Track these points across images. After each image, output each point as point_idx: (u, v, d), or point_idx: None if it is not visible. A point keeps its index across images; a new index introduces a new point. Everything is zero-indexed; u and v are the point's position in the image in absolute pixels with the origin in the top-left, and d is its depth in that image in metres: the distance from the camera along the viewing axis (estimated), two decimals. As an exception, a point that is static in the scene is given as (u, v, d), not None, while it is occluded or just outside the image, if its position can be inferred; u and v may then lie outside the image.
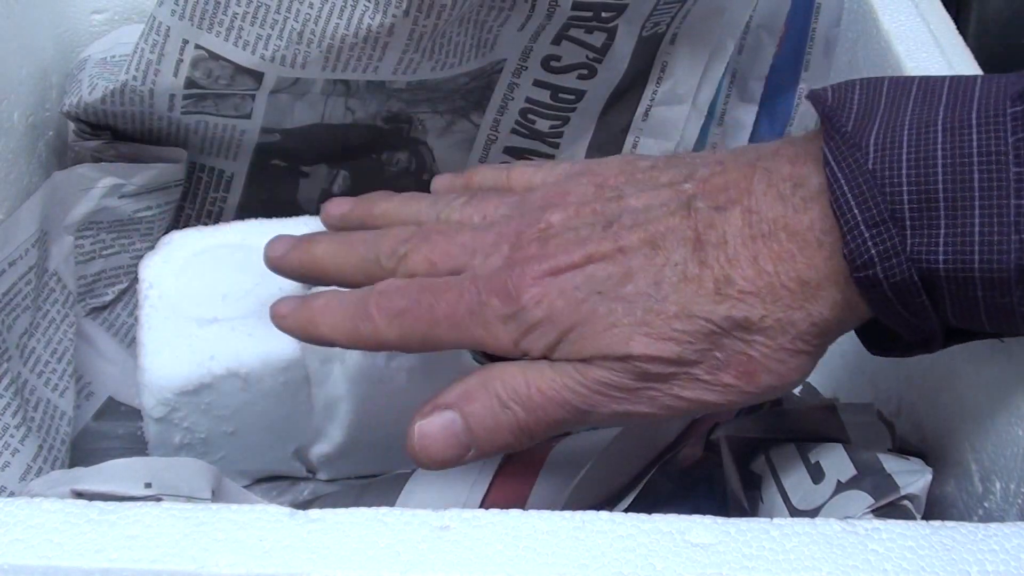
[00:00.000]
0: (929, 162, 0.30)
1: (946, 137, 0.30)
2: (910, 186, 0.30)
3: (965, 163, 0.30)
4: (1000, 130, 0.30)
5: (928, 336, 0.33)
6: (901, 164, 0.31)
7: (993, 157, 0.30)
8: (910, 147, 0.31)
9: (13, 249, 0.45)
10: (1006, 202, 0.29)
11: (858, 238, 0.31)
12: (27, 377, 0.46)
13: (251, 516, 0.29)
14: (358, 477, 0.50)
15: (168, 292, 0.47)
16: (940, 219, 0.30)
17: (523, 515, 0.29)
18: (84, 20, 0.58)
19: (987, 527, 0.29)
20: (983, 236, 0.30)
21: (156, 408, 0.44)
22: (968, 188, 0.30)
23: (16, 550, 0.28)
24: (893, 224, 0.31)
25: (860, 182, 0.31)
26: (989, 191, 0.30)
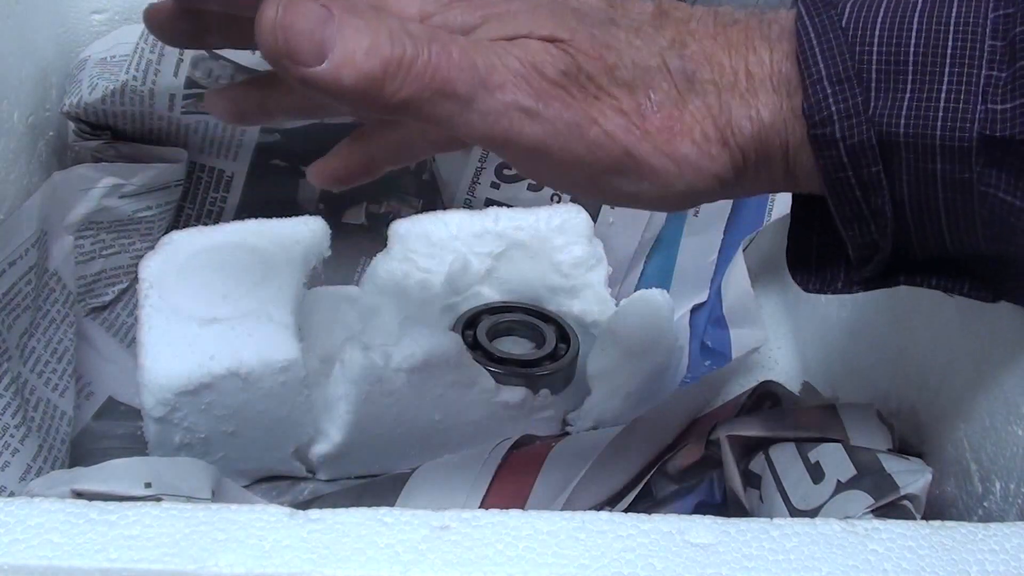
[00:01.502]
0: (905, 26, 0.29)
1: (926, 4, 0.29)
2: (880, 47, 0.29)
3: (941, 31, 0.29)
4: (981, 4, 0.29)
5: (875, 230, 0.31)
6: (875, 25, 0.29)
7: (970, 28, 0.29)
8: (887, 10, 0.30)
9: (13, 249, 0.45)
10: (976, 72, 0.28)
11: (819, 92, 0.29)
12: (27, 377, 0.46)
13: (251, 516, 0.29)
14: (358, 477, 0.50)
15: (168, 292, 0.47)
16: (907, 83, 0.29)
17: (523, 515, 0.29)
18: (84, 20, 0.58)
19: (987, 527, 0.29)
20: (948, 103, 0.29)
21: (156, 408, 0.44)
22: (940, 55, 0.29)
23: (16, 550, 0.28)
24: (858, 83, 0.29)
25: (830, 37, 0.30)
26: (961, 60, 0.29)
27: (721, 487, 0.42)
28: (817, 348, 0.58)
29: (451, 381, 0.47)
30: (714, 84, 0.30)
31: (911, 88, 0.29)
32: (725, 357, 0.56)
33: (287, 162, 0.55)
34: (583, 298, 0.53)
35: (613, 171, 0.31)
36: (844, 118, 0.29)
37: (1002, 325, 0.37)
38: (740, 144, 0.31)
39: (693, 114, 0.30)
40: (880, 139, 0.29)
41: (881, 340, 0.48)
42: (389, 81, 0.29)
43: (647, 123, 0.30)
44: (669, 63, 0.30)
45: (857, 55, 0.29)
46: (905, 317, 0.45)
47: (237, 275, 0.48)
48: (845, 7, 0.30)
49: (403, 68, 0.29)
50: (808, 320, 0.60)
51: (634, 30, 0.31)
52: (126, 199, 0.51)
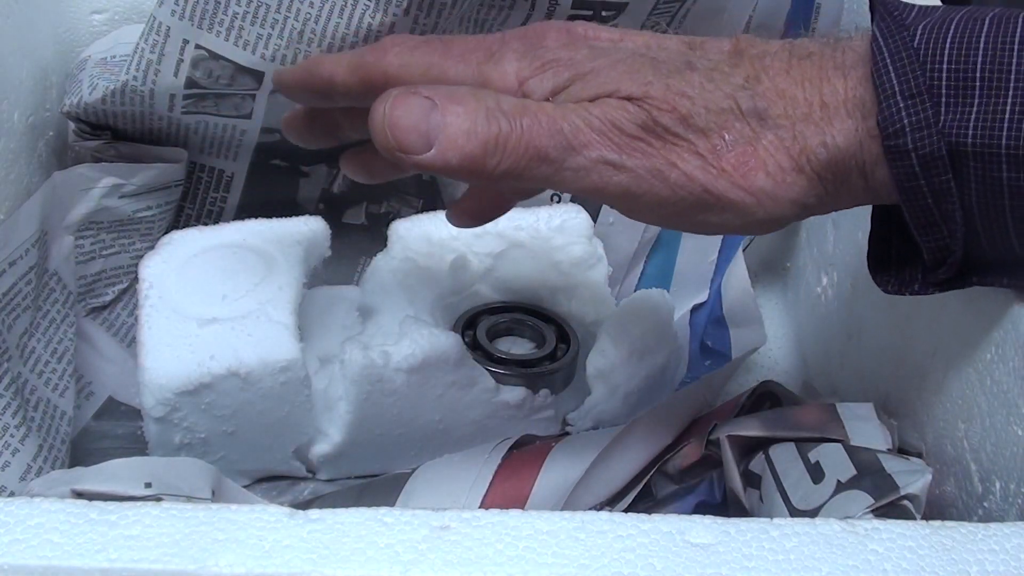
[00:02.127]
0: (972, 46, 0.31)
1: (991, 27, 0.31)
2: (950, 64, 0.31)
3: (1006, 49, 0.31)
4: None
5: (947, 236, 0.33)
6: (945, 45, 0.31)
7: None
8: (956, 32, 0.32)
9: (13, 249, 0.45)
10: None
11: (893, 107, 0.32)
12: (27, 377, 0.46)
13: (251, 516, 0.29)
14: (358, 477, 0.50)
15: (168, 292, 0.47)
16: (975, 97, 0.31)
17: (523, 515, 0.29)
18: (84, 20, 0.58)
19: (987, 527, 0.29)
20: (1013, 115, 0.30)
21: (156, 408, 0.44)
22: (1006, 71, 0.31)
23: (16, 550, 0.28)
24: (929, 98, 0.31)
25: (903, 56, 0.32)
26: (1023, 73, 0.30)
27: (721, 487, 0.42)
28: (817, 348, 0.58)
29: (451, 381, 0.47)
30: (787, 117, 0.33)
31: (978, 102, 0.31)
32: (725, 357, 0.56)
33: (287, 162, 0.54)
34: (583, 298, 0.53)
35: (697, 208, 0.34)
36: (915, 130, 0.31)
37: (1002, 325, 0.37)
38: (816, 169, 0.33)
39: (767, 148, 0.33)
40: (949, 149, 0.31)
41: (881, 340, 0.48)
42: (490, 157, 0.33)
43: (723, 161, 0.33)
44: (741, 104, 0.33)
45: (928, 72, 0.31)
46: (905, 317, 0.45)
47: (237, 275, 0.48)
48: (917, 29, 0.32)
49: (500, 144, 0.33)
50: (808, 320, 0.60)
51: (709, 71, 0.34)
52: (126, 199, 0.51)
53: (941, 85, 0.31)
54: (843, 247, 0.55)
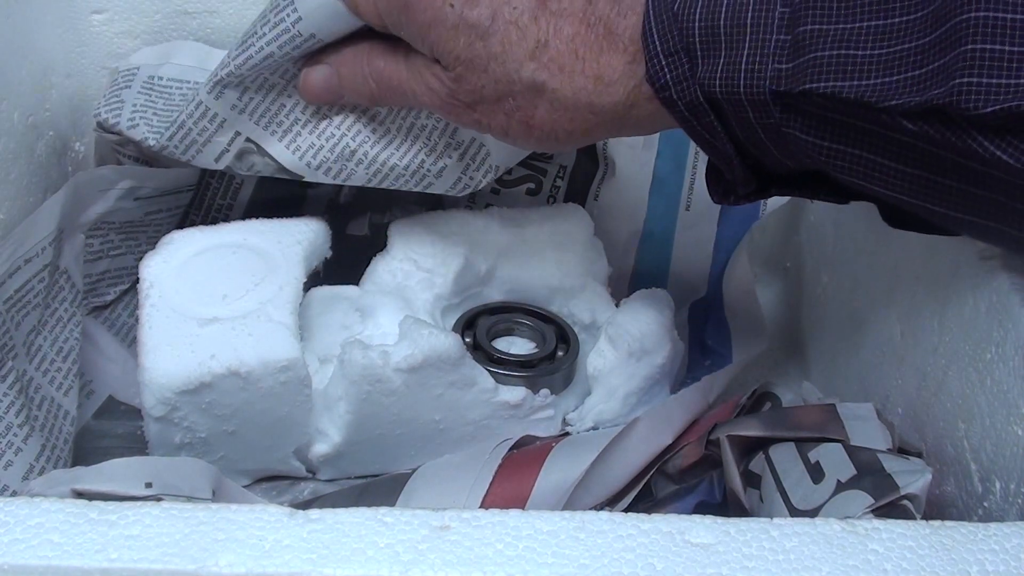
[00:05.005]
0: (718, 3, 0.36)
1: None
2: (701, 22, 0.36)
3: (744, 3, 0.35)
4: None
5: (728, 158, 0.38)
6: (697, 4, 0.36)
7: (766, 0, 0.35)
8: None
9: (31, 247, 0.45)
10: (769, 37, 0.35)
11: (657, 65, 0.37)
12: (32, 375, 0.46)
13: (251, 516, 0.29)
14: (358, 477, 0.50)
15: (168, 292, 0.47)
16: (720, 50, 0.36)
17: (523, 515, 0.29)
18: (84, 20, 0.58)
19: (987, 527, 0.29)
20: (748, 65, 0.35)
21: (156, 407, 0.44)
22: (742, 24, 0.35)
23: (16, 550, 0.28)
24: (686, 55, 0.36)
25: (664, 19, 0.37)
26: (757, 27, 0.35)
27: (721, 487, 0.42)
28: (817, 348, 0.58)
29: (451, 381, 0.47)
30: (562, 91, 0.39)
31: (724, 54, 0.36)
32: (725, 357, 0.56)
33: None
34: (583, 298, 0.53)
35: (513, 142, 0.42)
36: (677, 83, 0.37)
37: (1002, 325, 0.37)
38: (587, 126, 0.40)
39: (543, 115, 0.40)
40: (706, 97, 0.36)
41: (881, 339, 0.48)
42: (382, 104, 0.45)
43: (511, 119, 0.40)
44: (524, 78, 0.39)
45: (683, 32, 0.36)
46: (905, 317, 0.45)
47: (237, 275, 0.48)
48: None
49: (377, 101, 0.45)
50: (808, 320, 0.60)
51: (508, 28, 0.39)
52: (140, 201, 0.51)
53: (695, 42, 0.36)
54: (843, 247, 0.55)
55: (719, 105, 0.37)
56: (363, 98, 0.45)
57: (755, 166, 0.39)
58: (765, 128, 0.36)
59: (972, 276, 0.39)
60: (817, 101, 0.34)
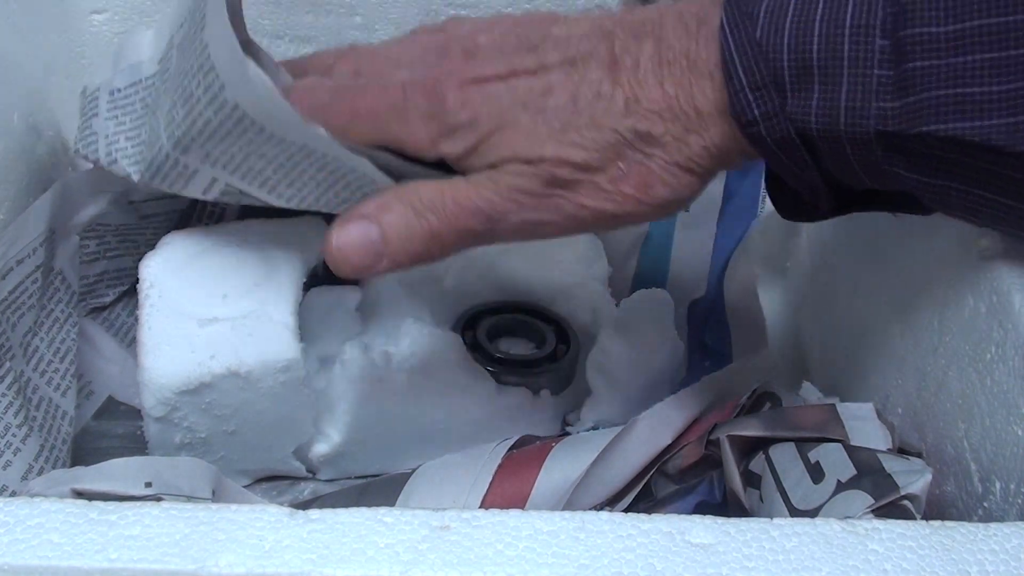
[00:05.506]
0: (808, 32, 0.33)
1: (826, 7, 0.33)
2: (790, 54, 0.33)
3: (838, 34, 0.33)
4: (873, 2, 0.33)
5: (815, 188, 0.37)
6: (784, 33, 0.34)
7: (863, 29, 0.32)
8: (794, 16, 0.34)
9: (22, 248, 0.45)
10: (870, 72, 0.32)
11: (743, 101, 0.34)
12: (30, 376, 0.46)
13: (251, 516, 0.29)
14: (358, 477, 0.50)
15: (168, 292, 0.47)
16: (814, 85, 0.33)
17: (523, 515, 0.29)
18: (84, 20, 0.58)
19: (987, 527, 0.29)
20: (848, 103, 0.33)
21: (156, 407, 0.44)
22: (839, 58, 0.33)
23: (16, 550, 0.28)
24: (775, 89, 0.34)
25: (747, 50, 0.34)
26: (855, 61, 0.33)
27: (721, 487, 0.42)
28: (817, 348, 0.58)
29: (451, 381, 0.47)
30: (670, 134, 0.36)
31: (818, 89, 0.33)
32: (725, 357, 0.56)
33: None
34: (583, 298, 0.53)
35: (615, 224, 0.38)
36: (766, 119, 0.34)
37: (1002, 325, 0.37)
38: (705, 167, 0.37)
39: (659, 164, 0.36)
40: (798, 132, 0.34)
41: (881, 340, 0.48)
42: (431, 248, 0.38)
43: (623, 187, 0.37)
44: (627, 135, 0.36)
45: (771, 63, 0.34)
46: (906, 317, 0.45)
47: (237, 275, 0.48)
48: (759, 16, 0.34)
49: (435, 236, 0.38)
50: (808, 320, 0.60)
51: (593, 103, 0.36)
52: (135, 204, 0.51)
53: (784, 75, 0.34)
54: (843, 247, 0.55)
55: (812, 141, 0.34)
56: (420, 244, 0.38)
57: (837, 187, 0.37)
58: (862, 163, 0.34)
59: (972, 276, 0.39)
60: (929, 142, 0.32)
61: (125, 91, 0.47)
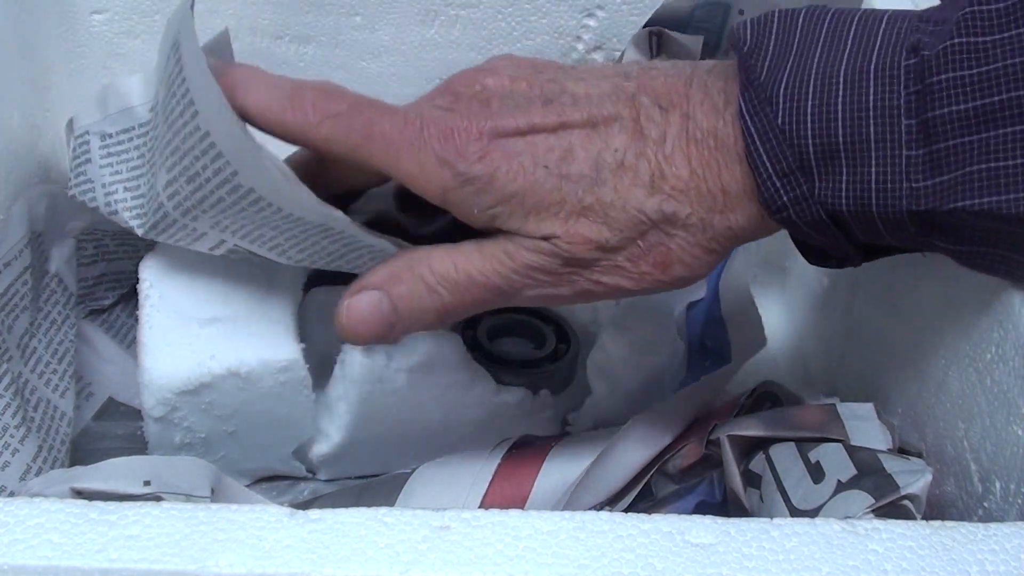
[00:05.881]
0: (831, 115, 0.33)
1: (847, 89, 0.33)
2: (814, 139, 0.33)
3: (862, 116, 0.32)
4: (895, 83, 0.32)
5: (846, 254, 0.36)
6: (806, 118, 0.33)
7: (887, 111, 0.32)
8: (815, 99, 0.33)
9: (7, 251, 0.45)
10: (898, 152, 0.32)
11: (771, 188, 0.34)
12: (28, 377, 0.46)
13: (251, 516, 0.29)
14: (358, 477, 0.50)
15: (168, 292, 0.47)
16: (842, 168, 0.33)
17: (523, 515, 0.29)
18: (84, 20, 0.58)
19: (987, 527, 0.29)
20: (879, 184, 0.33)
21: (156, 408, 0.44)
22: (865, 139, 0.32)
23: (16, 550, 0.28)
24: (802, 175, 0.33)
25: (771, 137, 0.34)
26: (882, 143, 0.32)
27: (721, 487, 0.42)
28: (817, 348, 0.58)
29: (451, 381, 0.47)
30: (695, 215, 0.35)
31: (846, 171, 0.33)
32: (724, 357, 0.56)
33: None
34: (583, 298, 0.53)
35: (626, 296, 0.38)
36: (795, 204, 0.34)
37: (1002, 325, 0.37)
38: (725, 247, 0.36)
39: (680, 245, 0.36)
40: (829, 214, 0.34)
41: (881, 340, 0.48)
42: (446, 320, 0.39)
43: (642, 265, 0.36)
44: (651, 215, 0.35)
45: (796, 150, 0.33)
46: (906, 317, 0.45)
47: (237, 275, 0.48)
48: (779, 102, 0.34)
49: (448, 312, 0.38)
50: (808, 320, 0.60)
51: (617, 174, 0.35)
52: None
53: (810, 159, 0.33)
54: (843, 247, 0.55)
55: (843, 221, 0.34)
56: (431, 318, 0.38)
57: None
58: (897, 238, 0.34)
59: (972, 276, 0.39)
60: (963, 218, 0.32)
61: (118, 137, 0.45)
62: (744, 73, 0.35)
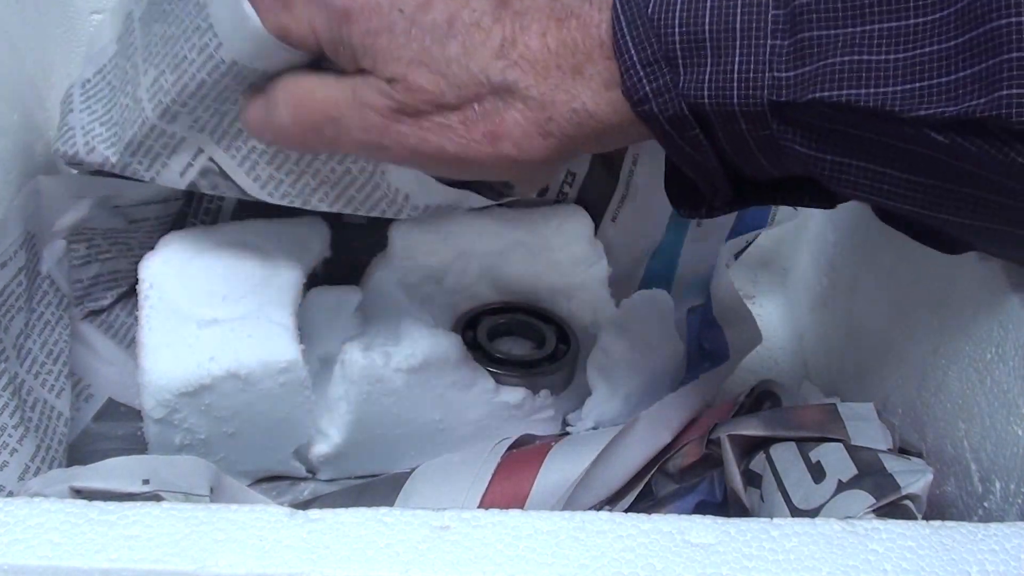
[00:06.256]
0: (700, 8, 0.32)
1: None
2: (681, 28, 0.33)
3: (731, 7, 0.32)
4: None
5: (712, 174, 0.36)
6: (675, 7, 0.33)
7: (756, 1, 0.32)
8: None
9: (3, 251, 0.45)
10: (763, 43, 0.32)
11: (634, 76, 0.33)
12: (24, 378, 0.46)
13: (251, 516, 0.29)
14: (358, 477, 0.50)
15: (168, 292, 0.47)
16: (706, 59, 0.32)
17: (523, 515, 0.29)
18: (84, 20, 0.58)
19: (987, 527, 0.29)
20: (741, 74, 0.32)
21: (156, 409, 0.44)
22: (732, 30, 0.32)
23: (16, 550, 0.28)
24: (666, 65, 0.33)
25: (638, 25, 0.33)
26: (748, 33, 0.32)
27: (722, 486, 0.42)
28: (817, 348, 0.58)
29: (451, 381, 0.47)
30: (536, 87, 0.35)
31: (710, 63, 0.32)
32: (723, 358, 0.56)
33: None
34: (583, 298, 0.53)
35: (460, 168, 0.37)
36: (657, 95, 0.33)
37: (1003, 325, 0.37)
38: (566, 133, 0.35)
39: (515, 118, 0.35)
40: (691, 109, 0.33)
41: (881, 340, 0.48)
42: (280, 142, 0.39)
43: (472, 132, 0.35)
44: (492, 78, 0.35)
45: (662, 39, 0.33)
46: (906, 318, 0.45)
47: (237, 276, 0.48)
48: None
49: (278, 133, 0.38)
50: (808, 320, 0.60)
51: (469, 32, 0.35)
52: (120, 209, 0.51)
53: (676, 50, 0.33)
54: (843, 247, 0.55)
55: (705, 117, 0.33)
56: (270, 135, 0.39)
57: (734, 176, 0.36)
58: (758, 140, 0.33)
59: (972, 276, 0.39)
60: (824, 112, 0.31)
61: (94, 80, 0.47)
62: None
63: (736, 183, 0.36)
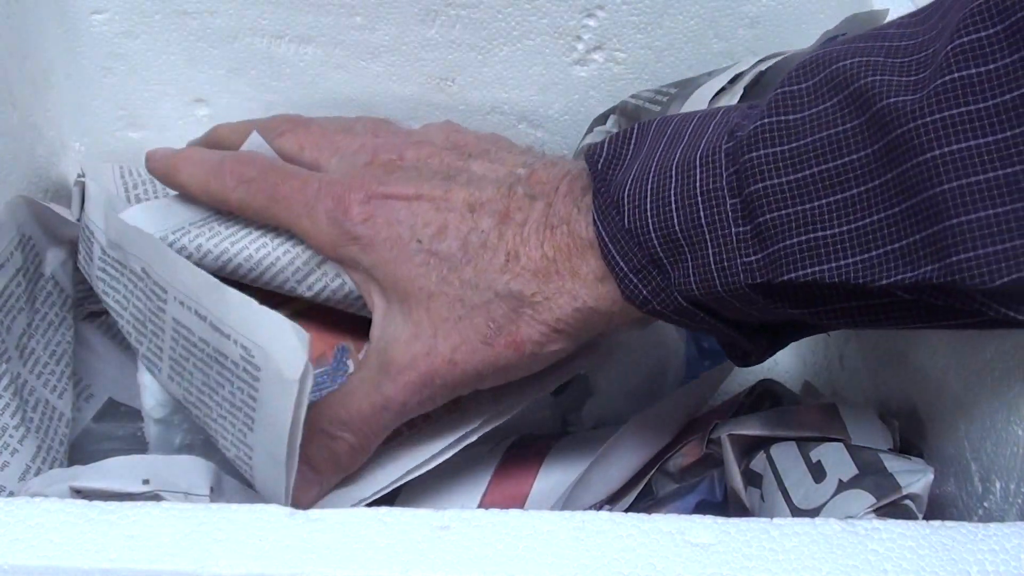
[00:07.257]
0: (667, 206, 0.34)
1: (678, 180, 0.34)
2: (657, 232, 0.35)
3: (692, 202, 0.34)
4: (717, 167, 0.34)
5: (733, 339, 0.38)
6: (647, 214, 0.35)
7: (713, 192, 0.33)
8: (653, 195, 0.35)
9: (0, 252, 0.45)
10: (728, 231, 0.33)
11: (630, 284, 0.36)
12: (26, 378, 0.46)
13: (251, 516, 0.29)
14: (358, 477, 0.49)
15: (168, 292, 0.47)
16: (686, 255, 0.34)
17: (523, 515, 0.29)
18: (84, 20, 0.58)
19: (987, 527, 0.29)
20: (716, 264, 0.34)
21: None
22: (698, 223, 0.34)
23: (16, 550, 0.28)
24: (654, 268, 0.35)
25: (619, 238, 0.36)
26: (713, 224, 0.33)
27: (722, 486, 0.42)
28: (817, 348, 0.58)
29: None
30: (542, 294, 0.37)
31: (689, 257, 0.34)
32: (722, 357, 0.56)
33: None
34: (583, 298, 0.53)
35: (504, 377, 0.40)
36: (655, 295, 0.36)
37: (1002, 325, 0.37)
38: (575, 328, 0.38)
39: (528, 322, 0.38)
40: (688, 301, 0.35)
41: (881, 340, 0.48)
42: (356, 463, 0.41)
43: (496, 345, 0.38)
44: (500, 292, 0.37)
45: (644, 246, 0.35)
46: (905, 317, 0.45)
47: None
48: (623, 205, 0.36)
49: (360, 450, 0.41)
50: (808, 320, 0.60)
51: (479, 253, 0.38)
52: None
53: (659, 253, 0.35)
54: (843, 247, 0.55)
55: (702, 303, 0.35)
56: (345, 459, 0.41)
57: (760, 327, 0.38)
58: (754, 311, 0.35)
59: (972, 276, 0.39)
60: (800, 286, 0.33)
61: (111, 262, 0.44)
62: (595, 182, 0.37)
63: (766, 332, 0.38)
